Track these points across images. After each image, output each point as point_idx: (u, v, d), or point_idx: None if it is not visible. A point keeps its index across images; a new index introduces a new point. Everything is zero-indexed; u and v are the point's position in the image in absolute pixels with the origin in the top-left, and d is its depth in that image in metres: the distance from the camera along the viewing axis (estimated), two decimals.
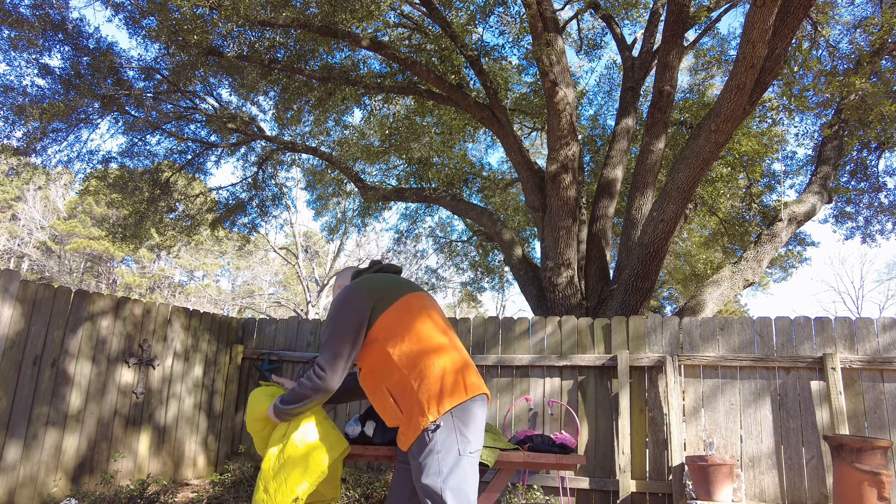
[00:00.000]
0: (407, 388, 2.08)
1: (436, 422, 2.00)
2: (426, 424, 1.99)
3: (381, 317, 2.17)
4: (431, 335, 2.16)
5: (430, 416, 2.00)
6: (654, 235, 5.69)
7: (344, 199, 14.12)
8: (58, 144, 7.63)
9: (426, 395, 2.03)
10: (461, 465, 1.99)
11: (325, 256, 25.88)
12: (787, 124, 8.94)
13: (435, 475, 1.96)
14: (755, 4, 4.14)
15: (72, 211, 25.83)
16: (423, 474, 1.98)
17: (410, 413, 2.05)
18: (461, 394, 2.05)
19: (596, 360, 4.92)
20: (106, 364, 4.84)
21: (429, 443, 1.99)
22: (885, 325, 4.41)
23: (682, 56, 6.93)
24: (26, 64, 6.91)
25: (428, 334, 2.15)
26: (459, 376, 2.09)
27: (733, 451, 4.50)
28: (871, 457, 3.65)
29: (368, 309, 2.18)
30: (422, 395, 2.04)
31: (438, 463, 1.97)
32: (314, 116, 8.55)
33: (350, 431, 2.75)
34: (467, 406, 2.06)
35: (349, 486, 4.94)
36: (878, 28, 6.89)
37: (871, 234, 9.25)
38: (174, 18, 5.81)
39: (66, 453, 4.47)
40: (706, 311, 6.79)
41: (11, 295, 4.07)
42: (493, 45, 9.86)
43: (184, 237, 9.80)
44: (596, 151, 10.41)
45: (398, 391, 2.11)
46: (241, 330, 6.37)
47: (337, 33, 6.24)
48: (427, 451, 1.99)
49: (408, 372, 2.08)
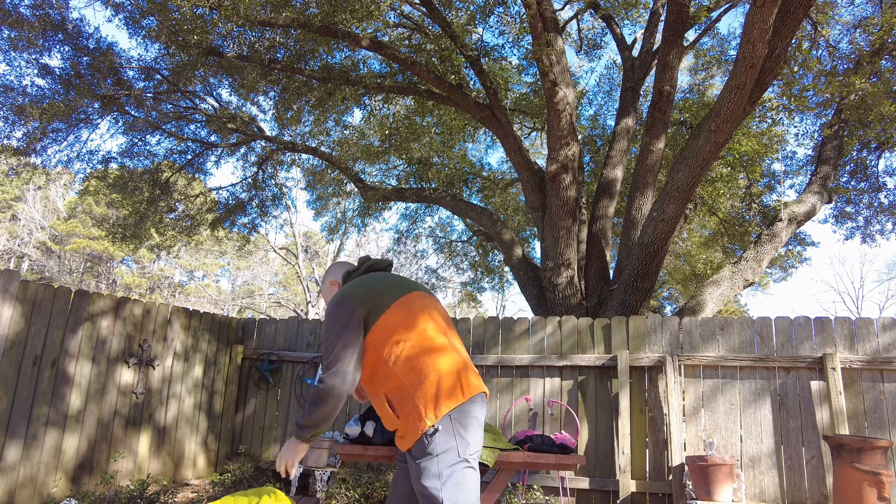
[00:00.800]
0: (404, 393, 2.06)
1: (434, 426, 1.98)
2: (424, 429, 1.98)
3: (375, 323, 2.15)
4: (430, 336, 2.14)
5: (427, 421, 1.98)
6: (654, 235, 5.70)
7: (344, 199, 14.12)
8: (58, 144, 7.63)
9: (423, 399, 2.02)
10: (460, 468, 1.98)
11: (325, 256, 25.89)
12: (787, 124, 8.95)
13: (434, 478, 1.95)
14: (755, 4, 4.14)
15: (72, 211, 25.83)
16: (421, 477, 1.97)
17: (408, 418, 2.04)
18: (458, 396, 2.04)
19: (596, 360, 4.92)
20: (106, 364, 4.84)
21: (427, 446, 1.98)
22: (885, 325, 4.41)
23: (682, 56, 6.93)
24: (26, 64, 6.92)
25: (426, 336, 2.13)
26: (457, 378, 2.08)
27: (733, 451, 4.50)
28: (871, 457, 3.65)
29: (362, 316, 2.16)
30: (419, 399, 2.02)
31: (437, 466, 1.96)
32: (314, 116, 8.55)
33: (350, 432, 2.75)
34: (465, 408, 2.05)
35: (349, 486, 4.94)
36: (878, 28, 6.89)
37: (871, 234, 9.25)
38: (174, 18, 5.81)
39: (66, 453, 4.47)
40: (706, 311, 6.79)
41: (11, 295, 4.07)
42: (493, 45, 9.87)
43: (184, 237, 9.80)
44: (596, 151, 10.41)
45: (395, 396, 2.10)
46: (241, 330, 6.38)
47: (337, 33, 6.24)
48: (426, 455, 1.98)
49: (404, 376, 2.07)
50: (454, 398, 2.03)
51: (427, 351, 2.10)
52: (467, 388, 2.07)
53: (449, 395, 2.03)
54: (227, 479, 5.22)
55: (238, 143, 9.04)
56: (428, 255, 14.58)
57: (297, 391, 5.95)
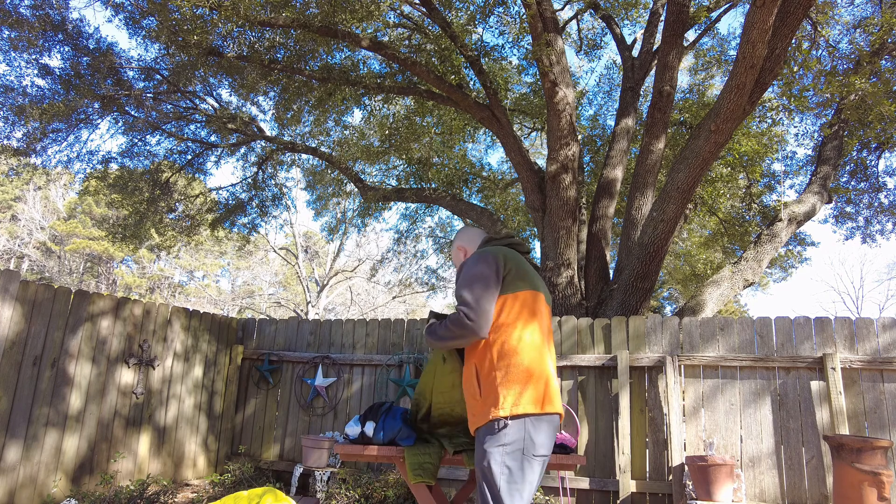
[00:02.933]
0: (490, 376, 2.15)
1: (506, 419, 2.06)
2: (497, 416, 2.06)
3: (504, 296, 2.21)
4: (534, 339, 2.19)
5: (501, 411, 2.06)
6: (654, 235, 5.69)
7: (344, 199, 14.11)
8: (58, 145, 7.63)
9: (505, 390, 2.10)
10: (523, 463, 2.05)
11: (324, 256, 25.87)
12: (786, 124, 8.95)
13: (498, 465, 2.03)
14: (755, 5, 4.14)
15: (72, 211, 25.83)
16: (485, 459, 2.06)
17: (486, 399, 2.12)
18: (537, 405, 2.10)
19: (596, 360, 4.91)
20: (106, 364, 4.84)
21: (497, 432, 2.07)
22: (885, 325, 4.41)
23: (682, 56, 6.93)
24: (26, 64, 6.92)
25: (532, 337, 2.19)
26: (545, 388, 2.14)
27: (733, 451, 4.50)
28: (871, 457, 3.65)
29: (500, 280, 2.22)
30: (501, 388, 2.10)
31: (502, 454, 2.04)
32: (314, 117, 8.56)
33: (350, 432, 2.75)
34: (540, 420, 2.11)
35: (349, 486, 4.95)
36: (877, 28, 6.89)
37: (871, 234, 9.26)
38: (174, 19, 5.81)
39: (67, 454, 4.47)
40: (706, 311, 6.79)
41: (11, 295, 4.07)
42: (492, 45, 9.86)
43: (184, 237, 9.80)
44: (596, 151, 10.41)
45: (484, 374, 2.17)
46: (241, 330, 6.37)
47: (337, 33, 6.24)
48: (494, 440, 2.07)
49: (497, 362, 2.14)
50: (533, 405, 2.10)
51: (527, 350, 2.17)
52: (548, 403, 2.14)
53: (532, 400, 2.10)
54: (228, 480, 5.22)
55: (238, 144, 9.05)
56: (428, 255, 14.57)
57: (297, 391, 5.95)
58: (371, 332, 5.89)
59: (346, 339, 5.96)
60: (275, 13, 6.09)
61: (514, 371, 2.11)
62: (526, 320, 2.20)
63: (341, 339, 5.99)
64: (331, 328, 6.07)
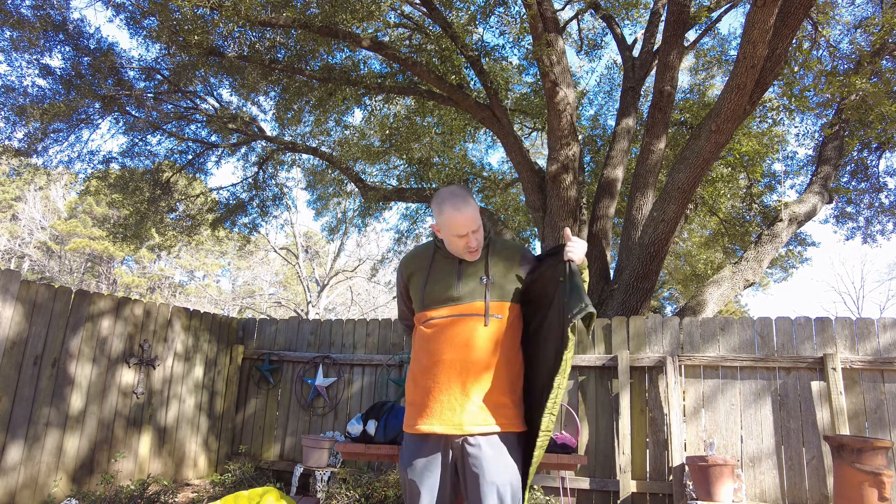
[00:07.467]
0: (518, 384, 2.08)
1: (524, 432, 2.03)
2: (521, 429, 2.02)
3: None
4: (543, 363, 2.07)
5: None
6: (655, 236, 5.69)
7: (344, 199, 14.09)
8: (59, 145, 7.64)
9: (522, 407, 2.06)
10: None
11: (325, 256, 25.87)
12: (787, 124, 8.94)
13: (520, 477, 1.96)
14: (755, 5, 4.14)
15: (72, 211, 25.84)
16: (508, 471, 1.91)
17: (518, 408, 2.04)
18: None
19: (596, 360, 4.92)
20: (107, 364, 4.84)
21: (519, 446, 2.01)
22: (886, 325, 4.41)
23: (682, 56, 6.93)
24: (27, 64, 6.92)
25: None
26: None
27: (734, 451, 4.50)
28: (872, 457, 3.65)
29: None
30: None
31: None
32: (315, 117, 8.55)
33: (352, 430, 2.75)
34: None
35: (350, 486, 4.95)
36: (878, 28, 6.89)
37: (871, 235, 9.26)
38: (175, 19, 5.82)
39: (67, 454, 4.47)
40: (707, 311, 6.78)
41: (12, 295, 4.07)
42: (493, 45, 9.85)
43: (184, 237, 9.80)
44: (596, 151, 10.40)
45: (515, 379, 2.08)
46: (242, 330, 6.38)
47: (337, 33, 6.24)
48: (518, 455, 1.99)
49: (519, 371, 2.09)
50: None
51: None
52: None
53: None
54: (228, 480, 5.23)
55: (238, 143, 9.05)
56: None
57: (297, 391, 5.95)
58: (371, 331, 5.90)
59: (347, 339, 5.97)
60: (275, 13, 6.09)
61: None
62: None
63: (342, 338, 5.99)
64: (331, 328, 6.07)
